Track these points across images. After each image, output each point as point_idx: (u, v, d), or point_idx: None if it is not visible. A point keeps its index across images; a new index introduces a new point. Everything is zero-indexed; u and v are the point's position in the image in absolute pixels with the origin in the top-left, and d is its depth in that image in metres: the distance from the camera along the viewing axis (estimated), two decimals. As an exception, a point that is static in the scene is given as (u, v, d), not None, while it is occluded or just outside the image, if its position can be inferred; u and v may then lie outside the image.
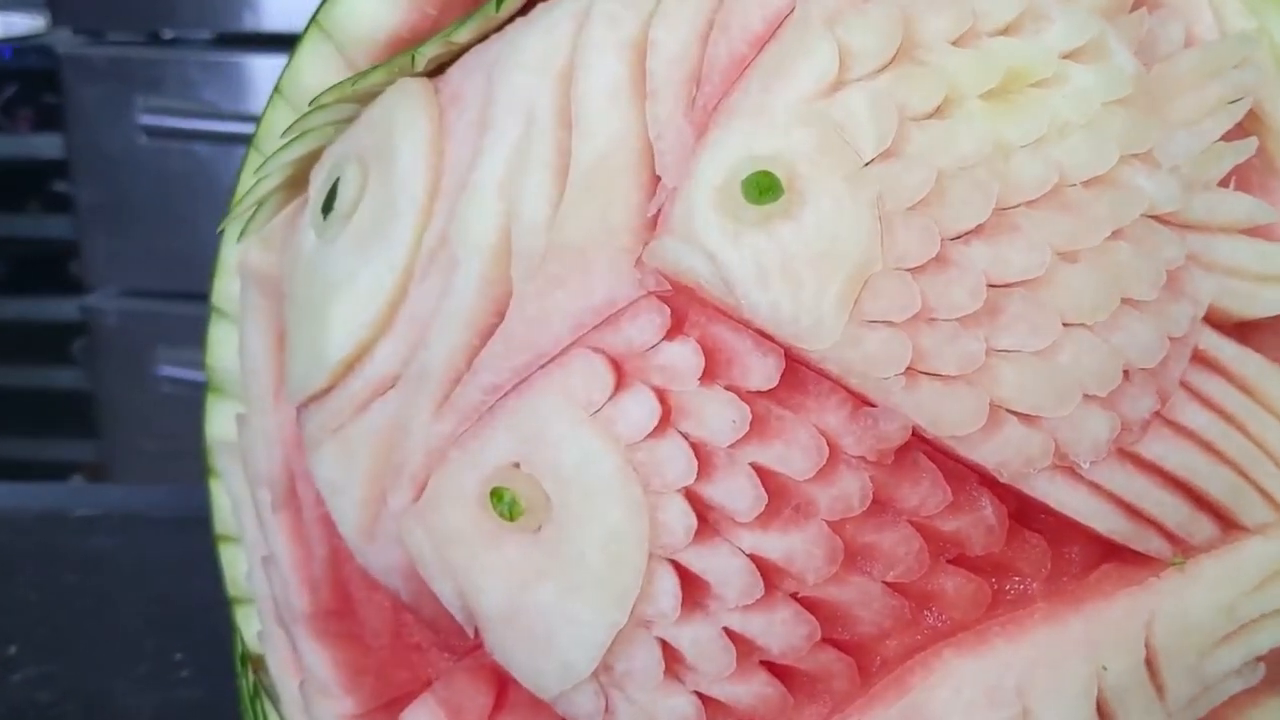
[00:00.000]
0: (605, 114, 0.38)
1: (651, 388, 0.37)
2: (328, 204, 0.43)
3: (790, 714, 0.38)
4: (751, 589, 0.37)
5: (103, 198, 2.13)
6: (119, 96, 2.08)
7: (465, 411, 0.39)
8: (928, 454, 0.37)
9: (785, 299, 0.36)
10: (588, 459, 0.37)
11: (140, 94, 2.07)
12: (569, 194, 0.38)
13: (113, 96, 2.08)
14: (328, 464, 0.42)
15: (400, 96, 0.42)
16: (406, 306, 0.40)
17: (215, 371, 0.51)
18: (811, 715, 0.38)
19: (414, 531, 0.40)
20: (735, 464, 0.37)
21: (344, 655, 0.45)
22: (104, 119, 2.08)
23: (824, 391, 0.37)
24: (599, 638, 0.38)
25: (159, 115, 2.09)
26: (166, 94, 2.09)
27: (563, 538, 0.38)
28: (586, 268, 0.38)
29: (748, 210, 0.36)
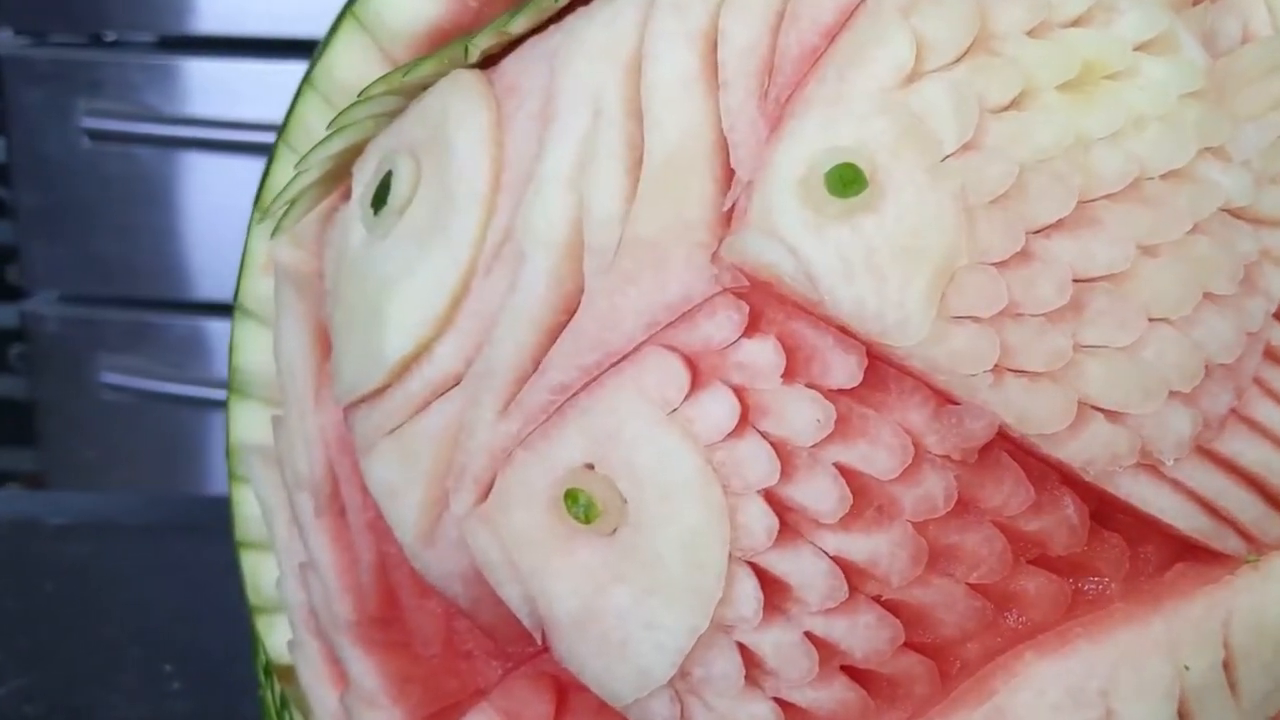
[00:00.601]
0: (677, 105, 0.37)
1: (730, 386, 0.36)
2: (378, 199, 0.41)
3: (865, 718, 0.38)
4: (835, 592, 0.36)
5: (43, 201, 2.08)
6: (60, 99, 2.03)
7: (532, 411, 0.38)
8: (1010, 452, 0.37)
9: (870, 294, 0.35)
10: (666, 459, 0.36)
11: (82, 97, 2.03)
12: (642, 188, 0.37)
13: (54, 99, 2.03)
14: (384, 466, 0.41)
15: (454, 88, 0.41)
16: (469, 303, 0.39)
17: (240, 373, 0.49)
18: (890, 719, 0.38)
19: (480, 535, 0.39)
20: (818, 464, 0.36)
21: (391, 664, 0.43)
22: (45, 122, 2.04)
23: (906, 389, 0.36)
24: (678, 643, 0.37)
25: (101, 118, 2.05)
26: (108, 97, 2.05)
27: (639, 540, 0.37)
28: (661, 263, 0.37)
29: (831, 203, 0.35)
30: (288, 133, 0.47)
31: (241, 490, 0.51)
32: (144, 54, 2.10)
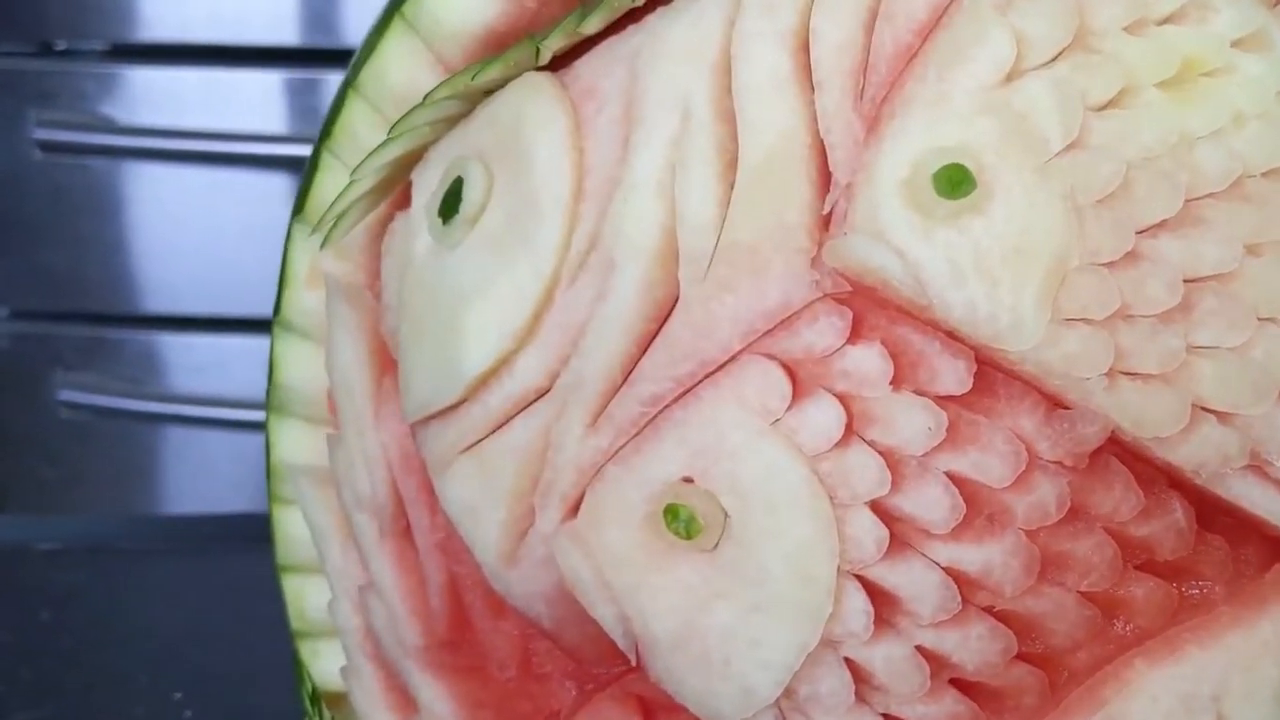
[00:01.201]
0: (772, 107, 0.36)
1: (835, 394, 0.35)
2: (447, 207, 0.40)
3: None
4: (948, 604, 0.35)
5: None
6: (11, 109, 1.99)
7: (623, 425, 0.37)
8: (1118, 456, 0.36)
9: (982, 297, 0.34)
10: (771, 471, 0.35)
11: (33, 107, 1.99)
12: (738, 192, 0.36)
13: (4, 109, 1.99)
14: (462, 485, 0.39)
15: (528, 92, 0.40)
16: (552, 314, 0.38)
17: (282, 390, 0.48)
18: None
19: (570, 554, 0.38)
20: (928, 473, 0.35)
21: (461, 688, 0.42)
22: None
23: (1015, 394, 0.35)
24: (786, 660, 0.36)
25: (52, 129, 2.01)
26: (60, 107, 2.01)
27: (743, 555, 0.36)
28: (759, 270, 0.36)
29: (940, 205, 0.35)
30: (332, 140, 0.46)
31: (284, 512, 0.49)
32: (96, 63, 2.07)
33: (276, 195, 1.53)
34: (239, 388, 1.54)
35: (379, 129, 0.45)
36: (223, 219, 1.53)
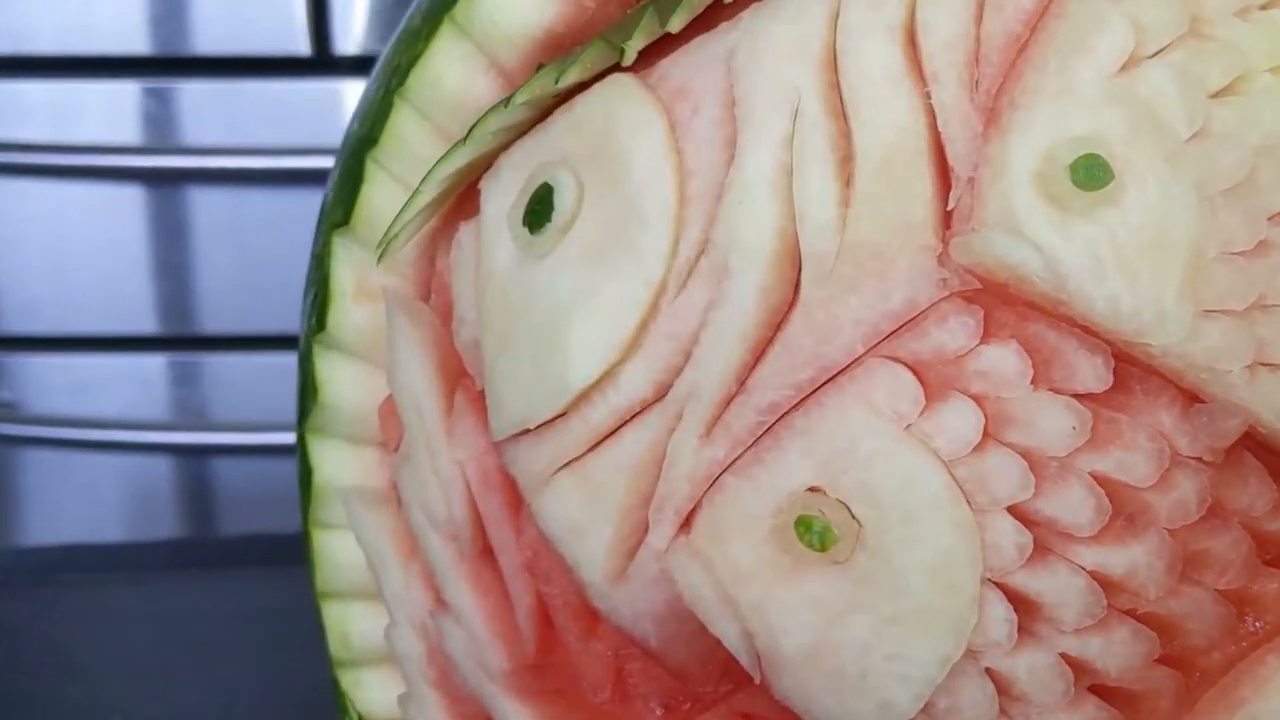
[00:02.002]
0: (888, 102, 0.35)
1: (970, 396, 0.34)
2: (533, 216, 0.38)
3: None
4: (1093, 610, 0.34)
5: None
6: None
7: (739, 435, 0.36)
8: (1252, 450, 0.35)
9: (1124, 292, 0.34)
10: (909, 478, 0.34)
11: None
12: (859, 190, 0.35)
13: None
14: (564, 502, 0.38)
15: (617, 94, 0.38)
16: (659, 324, 0.36)
17: (327, 410, 0.45)
18: None
19: (689, 570, 0.36)
20: (1070, 474, 0.34)
21: (549, 712, 0.40)
22: None
23: (1152, 389, 0.35)
24: (927, 674, 0.34)
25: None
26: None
27: (879, 566, 0.34)
28: (885, 270, 0.35)
29: (1078, 197, 0.34)
30: (378, 150, 0.44)
31: (327, 537, 0.47)
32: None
33: (129, 208, 1.48)
34: (96, 407, 1.49)
35: (431, 138, 0.43)
36: (75, 234, 1.48)
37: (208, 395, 1.54)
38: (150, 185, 1.48)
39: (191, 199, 1.49)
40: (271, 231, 1.46)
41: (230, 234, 1.48)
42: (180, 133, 1.48)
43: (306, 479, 0.47)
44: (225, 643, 0.79)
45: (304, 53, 1.41)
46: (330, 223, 0.46)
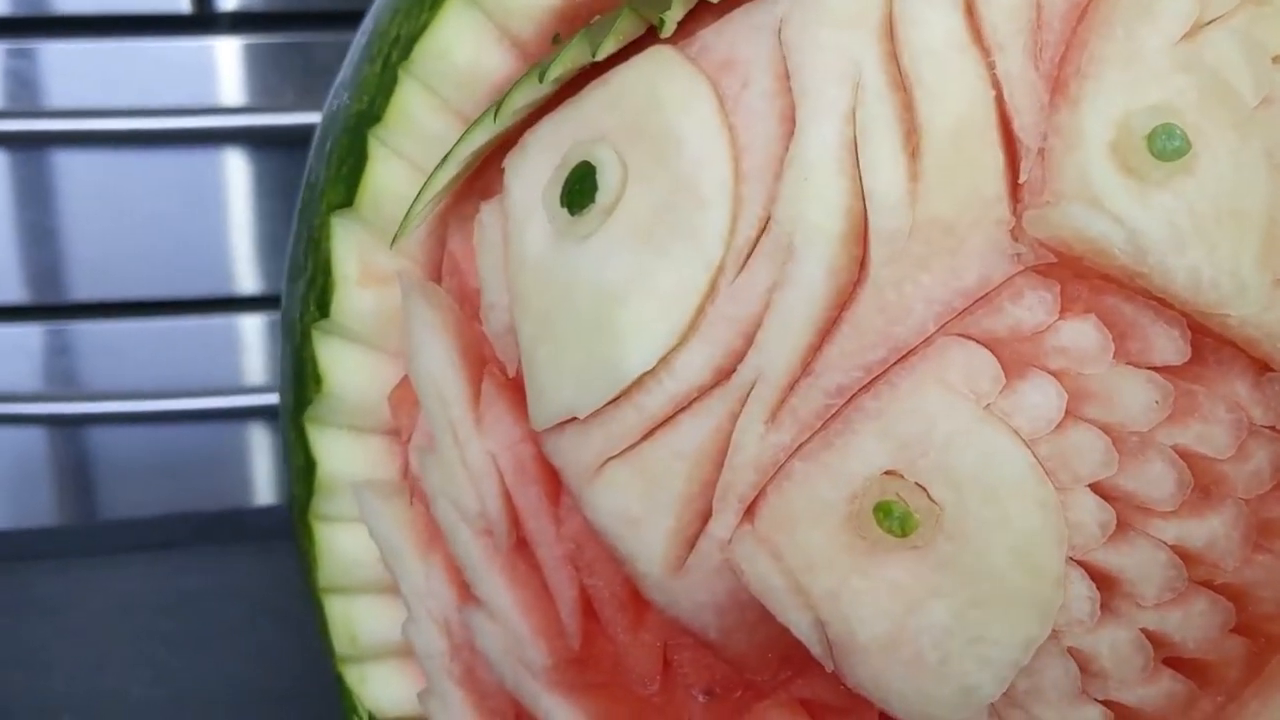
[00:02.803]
0: (954, 73, 0.34)
1: (1050, 373, 0.33)
2: (573, 196, 0.36)
3: (1189, 709, 0.36)
4: (1174, 583, 0.34)
5: None
6: None
7: (806, 419, 0.35)
8: None
9: (1204, 263, 0.33)
10: (991, 459, 0.33)
11: None
12: (928, 165, 0.34)
13: None
14: (618, 493, 0.36)
15: (659, 67, 0.36)
16: (717, 306, 0.35)
17: (330, 400, 0.43)
18: (1206, 705, 0.36)
19: (757, 559, 0.35)
20: (1150, 448, 0.34)
21: (595, 707, 0.39)
22: None
23: (1225, 360, 0.34)
24: (1011, 657, 0.34)
25: None
26: None
27: (960, 550, 0.34)
28: (957, 246, 0.34)
29: (1156, 167, 0.33)
30: (383, 128, 0.41)
31: (331, 531, 0.45)
32: None
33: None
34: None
35: (440, 114, 0.41)
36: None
37: (81, 364, 1.49)
38: (15, 149, 1.42)
39: (60, 163, 1.43)
40: (146, 195, 1.41)
41: (102, 198, 1.43)
42: (47, 94, 1.42)
43: (308, 472, 0.45)
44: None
45: (183, 9, 1.36)
46: (326, 203, 0.43)
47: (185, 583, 0.80)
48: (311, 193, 0.45)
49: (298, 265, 0.46)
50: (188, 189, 1.42)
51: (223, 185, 1.44)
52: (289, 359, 0.46)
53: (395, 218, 0.41)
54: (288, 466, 0.47)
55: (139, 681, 0.68)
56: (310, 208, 0.45)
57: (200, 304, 1.45)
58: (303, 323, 0.44)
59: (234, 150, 1.44)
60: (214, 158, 1.44)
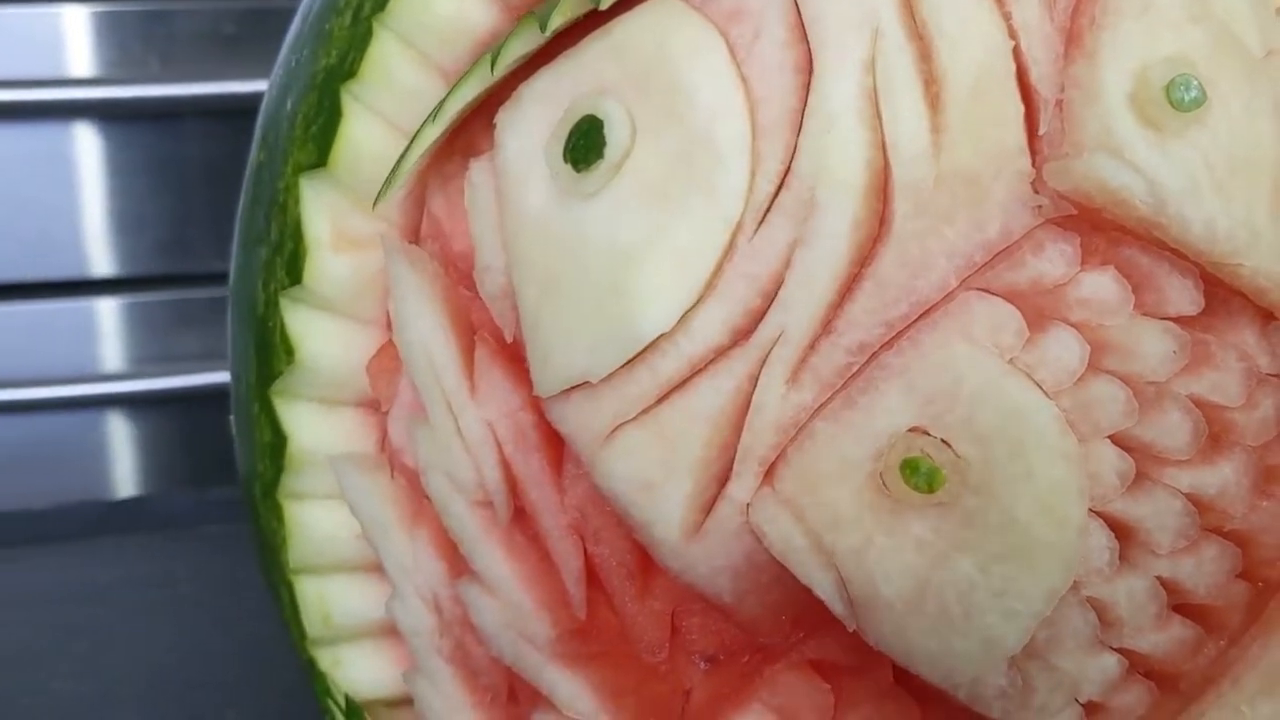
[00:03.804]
0: (973, 22, 0.34)
1: (1071, 325, 0.34)
2: (578, 152, 0.35)
3: (1197, 653, 0.36)
4: (1188, 531, 0.35)
5: None
6: None
7: (828, 378, 0.34)
8: None
9: (1220, 213, 0.33)
10: (1017, 413, 0.33)
11: None
12: (951, 116, 0.34)
13: None
14: (633, 458, 0.35)
15: (665, 17, 0.35)
16: (734, 264, 0.34)
17: (303, 371, 0.42)
18: (1210, 650, 0.37)
19: (780, 520, 0.35)
20: (1166, 398, 0.34)
21: (600, 677, 0.38)
22: None
23: (1234, 309, 0.35)
24: (1035, 608, 0.34)
25: None
26: None
27: (985, 504, 0.34)
28: (980, 198, 0.34)
29: (1174, 119, 0.33)
30: (357, 83, 0.40)
31: (302, 509, 0.43)
32: None
33: None
34: None
35: (419, 69, 0.39)
36: None
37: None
38: None
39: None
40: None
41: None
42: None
43: (277, 448, 0.43)
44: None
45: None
46: (292, 165, 0.42)
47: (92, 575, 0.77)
48: (269, 154, 0.44)
49: (256, 231, 0.44)
50: (36, 166, 1.37)
51: (74, 162, 1.39)
52: (248, 331, 0.44)
53: (372, 178, 0.40)
54: (246, 444, 0.45)
55: (59, 675, 0.66)
56: (269, 170, 0.43)
57: (52, 287, 1.40)
58: (267, 291, 0.43)
59: (85, 125, 1.39)
60: (63, 132, 1.39)
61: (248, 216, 0.45)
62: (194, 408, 1.40)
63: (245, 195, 0.46)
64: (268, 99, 0.45)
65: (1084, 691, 0.35)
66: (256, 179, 0.44)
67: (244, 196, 0.46)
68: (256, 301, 0.43)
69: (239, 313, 0.45)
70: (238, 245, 0.46)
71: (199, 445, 1.41)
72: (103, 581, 0.77)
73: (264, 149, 0.44)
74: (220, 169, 1.34)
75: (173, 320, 1.41)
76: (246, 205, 0.45)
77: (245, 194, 0.46)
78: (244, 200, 0.46)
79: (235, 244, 0.47)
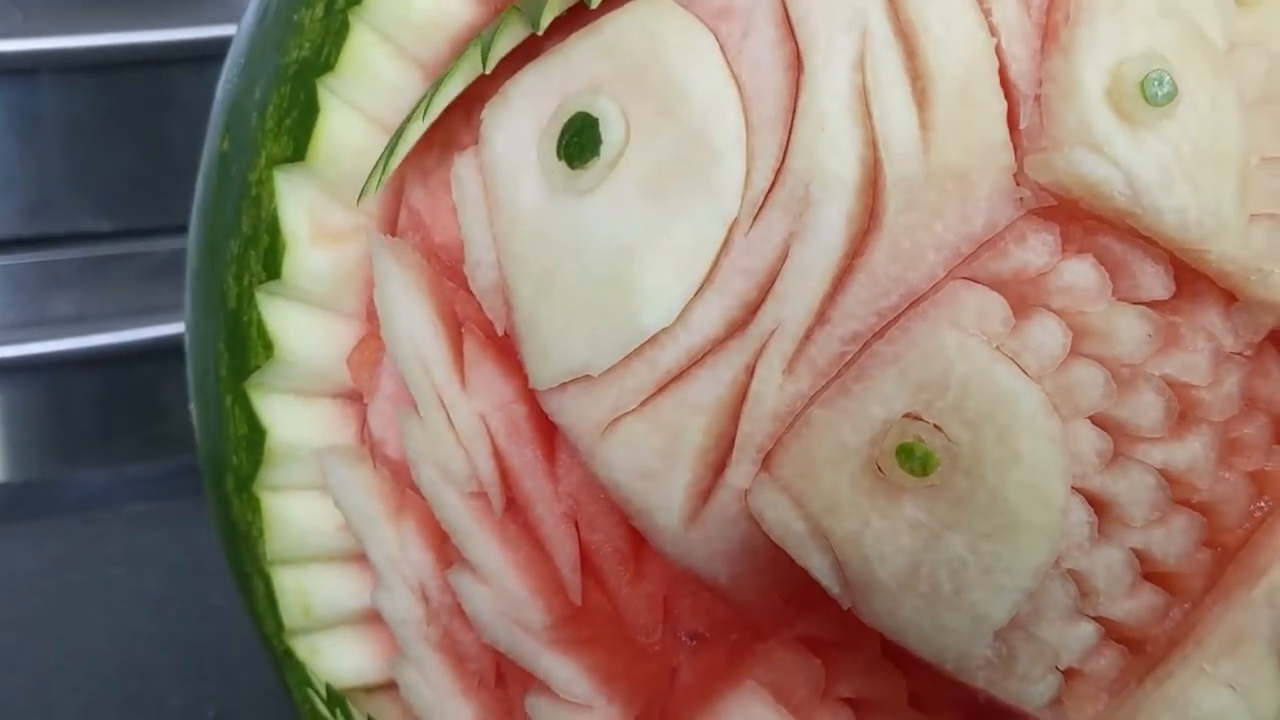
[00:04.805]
0: (958, 20, 0.35)
1: (1053, 312, 0.35)
2: (572, 150, 0.36)
3: (1164, 618, 0.38)
4: (1160, 504, 0.36)
5: None
6: None
7: (822, 367, 0.35)
8: (1272, 342, 0.38)
9: (1191, 202, 0.35)
10: (1005, 397, 0.35)
11: None
12: (940, 112, 0.35)
13: None
14: (633, 448, 0.36)
15: (656, 16, 0.36)
16: (731, 259, 0.35)
17: (282, 365, 0.42)
18: (1176, 614, 0.39)
19: (779, 506, 0.36)
20: (1140, 379, 0.36)
21: (593, 660, 0.39)
22: None
23: (1200, 293, 0.37)
24: (1022, 583, 0.36)
25: None
26: None
27: (976, 486, 0.35)
28: (968, 192, 0.35)
29: (1148, 112, 0.35)
30: (335, 78, 0.40)
31: (281, 501, 0.43)
32: None
33: None
34: None
35: (397, 63, 0.40)
36: None
37: None
38: None
39: None
40: None
41: None
42: None
43: (254, 441, 0.43)
44: None
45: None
46: (267, 158, 0.42)
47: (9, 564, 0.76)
48: (236, 145, 0.43)
49: (224, 223, 0.44)
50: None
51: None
52: (216, 323, 0.44)
53: (352, 172, 0.40)
54: (216, 437, 0.45)
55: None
56: (237, 162, 0.43)
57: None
58: (240, 285, 0.43)
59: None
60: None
61: (212, 207, 0.45)
62: (66, 373, 1.37)
63: (207, 184, 0.46)
64: (229, 85, 0.45)
65: (1064, 659, 0.37)
66: (222, 169, 0.44)
67: (205, 184, 0.46)
68: (227, 295, 0.43)
69: (204, 303, 0.45)
70: (199, 235, 0.46)
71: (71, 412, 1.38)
72: (23, 570, 0.76)
73: (228, 138, 0.44)
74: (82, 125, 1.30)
75: (41, 283, 1.37)
76: (210, 195, 0.45)
77: (207, 182, 0.46)
78: (206, 189, 0.46)
79: (195, 233, 0.47)
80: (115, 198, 1.31)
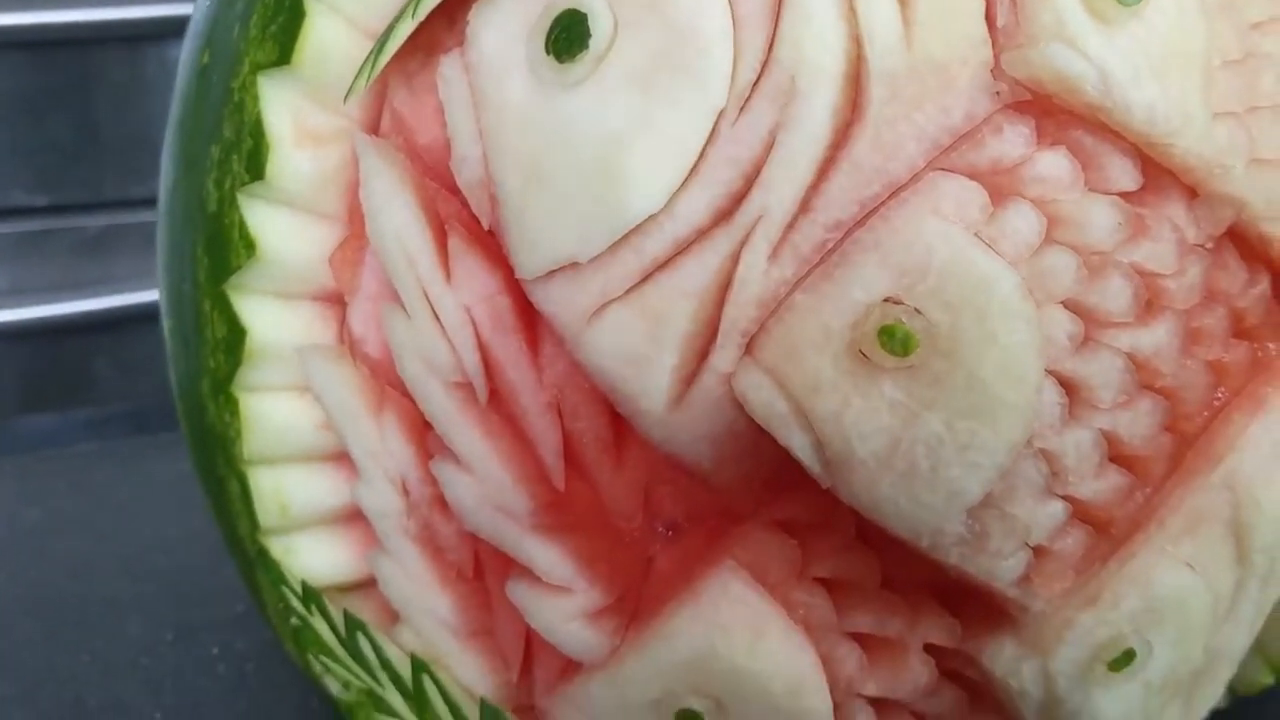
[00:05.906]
0: None
1: (1028, 200, 0.37)
2: (560, 44, 0.37)
3: (1128, 500, 0.40)
4: (1128, 386, 0.38)
5: None
6: None
7: (806, 254, 0.37)
8: (1229, 237, 0.40)
9: (1158, 98, 0.37)
10: (983, 281, 0.36)
11: None
12: (920, 8, 0.36)
13: None
14: (620, 334, 0.37)
15: (642, -88, 0.37)
16: (717, 148, 0.36)
17: (263, 265, 0.42)
18: (1139, 497, 0.40)
19: (762, 388, 0.37)
20: (1110, 266, 0.37)
21: (578, 544, 0.40)
22: None
23: (1165, 186, 0.38)
24: (996, 460, 0.37)
25: None
26: None
27: (955, 366, 0.36)
28: (947, 85, 0.36)
29: (1119, 11, 0.36)
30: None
31: (260, 400, 0.44)
32: None
33: None
34: None
35: None
36: None
37: None
38: None
39: None
40: None
41: None
42: None
43: (233, 342, 0.43)
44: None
45: None
46: (251, 63, 0.42)
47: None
48: (217, 56, 0.44)
49: (204, 131, 0.44)
50: None
51: None
52: (196, 230, 0.44)
53: (336, 75, 0.41)
54: (192, 344, 0.46)
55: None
56: (218, 71, 0.44)
57: None
58: (221, 189, 0.43)
59: None
60: None
61: (191, 118, 0.45)
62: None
63: (185, 98, 0.46)
64: (205, 4, 0.45)
65: (1034, 536, 0.38)
66: (201, 81, 0.45)
67: (182, 100, 0.46)
68: (206, 200, 0.44)
69: (181, 215, 0.46)
70: (175, 150, 0.46)
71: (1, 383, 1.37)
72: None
73: (208, 51, 0.44)
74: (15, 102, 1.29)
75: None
76: (188, 107, 0.45)
77: (185, 97, 0.46)
78: (183, 103, 0.46)
79: (171, 149, 0.47)
80: (49, 174, 1.31)
